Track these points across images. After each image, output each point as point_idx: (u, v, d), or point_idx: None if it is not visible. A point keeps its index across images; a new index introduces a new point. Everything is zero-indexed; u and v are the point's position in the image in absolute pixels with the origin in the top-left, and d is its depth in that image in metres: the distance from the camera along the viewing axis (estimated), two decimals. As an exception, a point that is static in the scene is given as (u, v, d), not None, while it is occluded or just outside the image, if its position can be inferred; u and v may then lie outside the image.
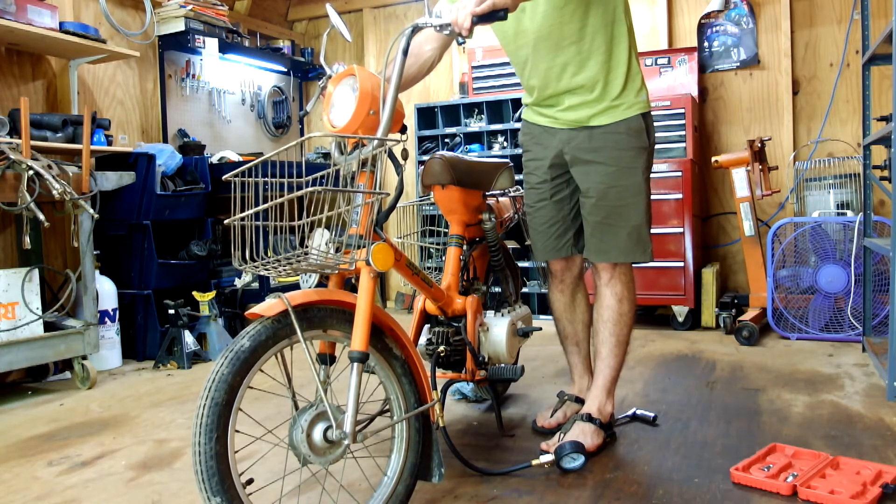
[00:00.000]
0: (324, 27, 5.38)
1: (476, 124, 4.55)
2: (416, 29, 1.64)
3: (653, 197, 2.10)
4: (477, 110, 4.58)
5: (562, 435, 1.99)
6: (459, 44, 1.61)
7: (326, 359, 1.56)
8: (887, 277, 3.12)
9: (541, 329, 2.36)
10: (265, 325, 1.40)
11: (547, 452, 1.93)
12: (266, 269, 1.44)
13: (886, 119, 2.91)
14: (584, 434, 1.99)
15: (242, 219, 1.41)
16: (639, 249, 2.02)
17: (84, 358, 3.06)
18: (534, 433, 2.22)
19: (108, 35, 3.68)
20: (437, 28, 1.60)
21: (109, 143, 3.53)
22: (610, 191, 1.98)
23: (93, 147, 3.16)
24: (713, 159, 3.84)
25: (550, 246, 2.15)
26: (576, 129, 2.01)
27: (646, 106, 2.01)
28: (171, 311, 3.36)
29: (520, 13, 1.93)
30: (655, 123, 2.10)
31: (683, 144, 3.80)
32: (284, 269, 1.44)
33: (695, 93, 4.12)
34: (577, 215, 2.11)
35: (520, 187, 2.48)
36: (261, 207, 1.40)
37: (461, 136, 4.60)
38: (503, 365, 2.13)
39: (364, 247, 1.50)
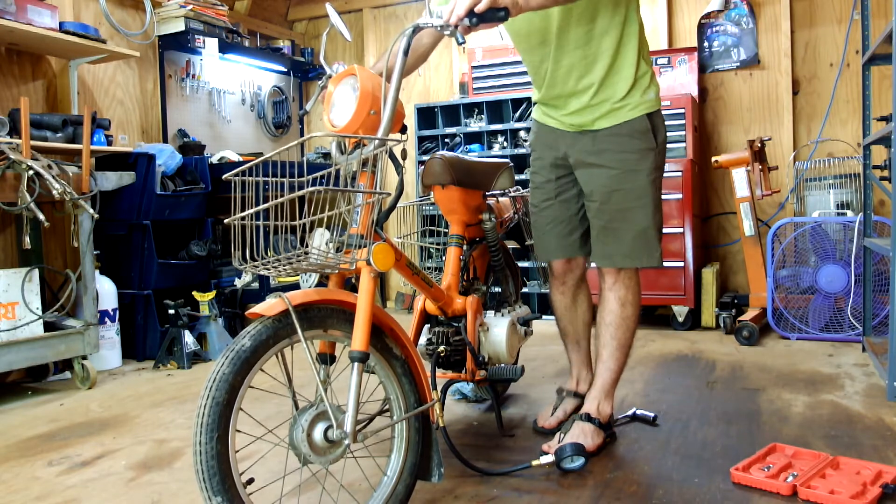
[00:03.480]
0: (324, 27, 5.36)
1: (476, 124, 4.55)
2: (416, 29, 1.63)
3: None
4: (477, 110, 4.58)
5: (562, 435, 1.99)
6: (459, 43, 1.60)
7: (326, 358, 1.56)
8: (887, 277, 3.12)
9: (540, 317, 2.39)
10: (266, 325, 1.40)
11: (547, 453, 1.93)
12: (266, 269, 1.44)
13: (886, 119, 2.91)
14: (585, 434, 1.98)
15: (242, 218, 1.41)
16: (644, 254, 1.97)
17: (84, 358, 3.06)
18: (534, 433, 2.22)
19: (108, 35, 3.68)
20: (439, 28, 1.59)
21: (109, 143, 3.53)
22: (613, 194, 1.95)
23: (93, 147, 3.16)
24: (713, 159, 3.84)
25: (553, 245, 2.13)
26: (580, 133, 2.00)
27: (652, 105, 1.96)
28: (171, 311, 3.36)
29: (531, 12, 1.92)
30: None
31: (683, 144, 3.81)
32: (284, 269, 1.44)
33: (695, 93, 4.12)
34: (585, 216, 2.08)
35: (520, 187, 2.48)
36: (261, 207, 1.39)
37: (461, 136, 4.60)
38: (503, 365, 2.13)
39: (364, 247, 1.50)
